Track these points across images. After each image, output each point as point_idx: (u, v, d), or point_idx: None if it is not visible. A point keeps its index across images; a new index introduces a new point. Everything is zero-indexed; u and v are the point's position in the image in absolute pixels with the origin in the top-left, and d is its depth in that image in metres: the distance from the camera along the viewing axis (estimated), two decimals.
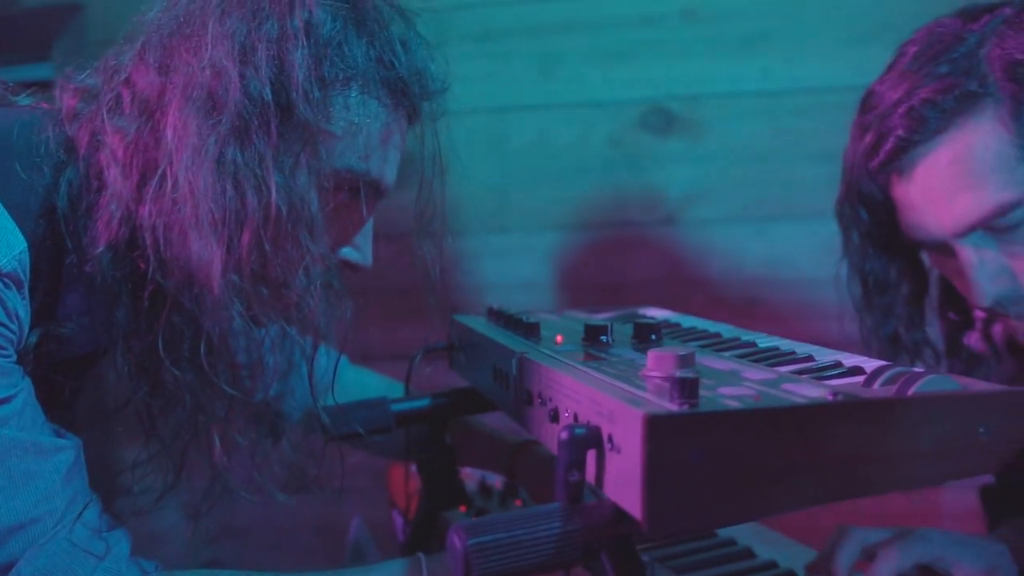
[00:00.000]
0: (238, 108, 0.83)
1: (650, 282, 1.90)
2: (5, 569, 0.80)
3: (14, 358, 0.85)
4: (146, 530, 1.00)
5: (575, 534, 0.67)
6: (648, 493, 0.59)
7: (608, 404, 0.65)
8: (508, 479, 1.29)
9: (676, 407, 0.61)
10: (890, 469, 0.65)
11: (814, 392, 0.67)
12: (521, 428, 0.90)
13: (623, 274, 1.91)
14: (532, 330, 0.99)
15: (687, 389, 0.62)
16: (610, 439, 0.65)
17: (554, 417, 0.78)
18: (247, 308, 0.86)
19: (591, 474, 0.67)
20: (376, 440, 1.15)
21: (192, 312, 0.86)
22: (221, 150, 0.82)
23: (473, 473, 1.37)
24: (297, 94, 0.85)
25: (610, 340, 0.93)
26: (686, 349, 0.75)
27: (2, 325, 0.83)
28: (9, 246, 0.83)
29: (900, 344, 1.23)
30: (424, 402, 1.17)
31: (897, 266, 1.21)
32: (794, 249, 1.85)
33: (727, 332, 1.01)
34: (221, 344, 0.87)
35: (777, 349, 0.89)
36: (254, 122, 0.84)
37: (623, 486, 0.62)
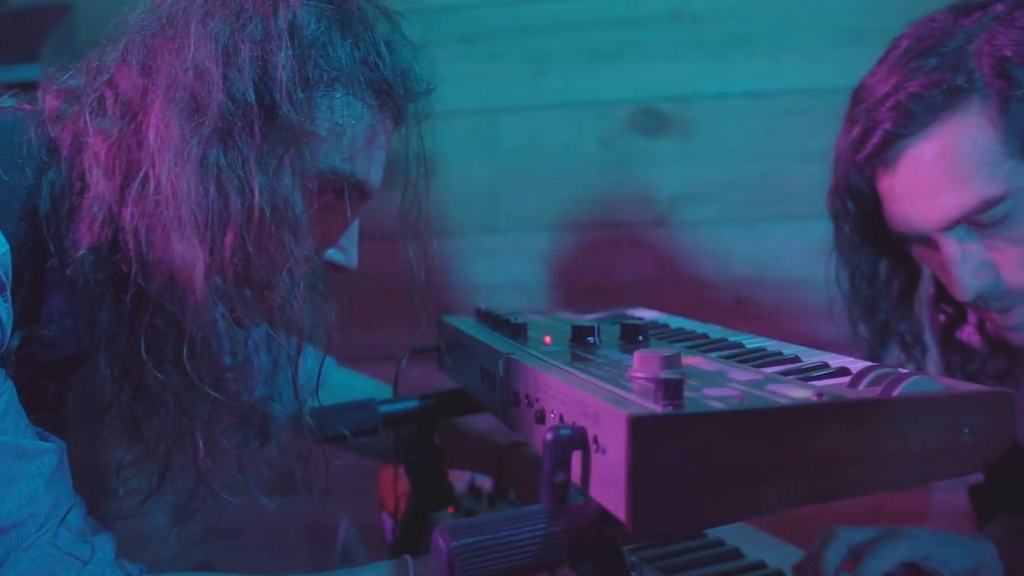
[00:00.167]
0: (221, 109, 0.82)
1: (641, 283, 1.90)
2: None
3: None
4: (134, 533, 1.00)
5: (559, 535, 0.67)
6: (632, 494, 0.59)
7: (593, 405, 0.65)
8: (496, 481, 1.29)
9: (660, 408, 0.61)
10: (875, 469, 0.65)
11: (799, 393, 0.67)
12: (508, 429, 0.90)
13: (614, 275, 1.91)
14: (519, 331, 0.99)
15: (671, 390, 0.62)
16: (595, 440, 0.65)
17: (540, 418, 0.77)
18: (230, 310, 0.85)
19: (576, 475, 0.67)
20: (365, 442, 1.14)
21: (175, 314, 0.85)
22: (204, 151, 0.82)
23: (463, 475, 1.37)
24: (281, 95, 0.84)
25: (597, 341, 0.93)
26: (672, 350, 0.75)
27: None
28: None
29: (888, 336, 1.23)
30: (412, 404, 1.17)
31: (885, 258, 1.21)
32: (784, 249, 1.85)
33: (715, 333, 1.01)
34: (204, 346, 0.86)
35: (764, 350, 0.89)
36: (237, 123, 0.83)
37: (608, 487, 0.62)
